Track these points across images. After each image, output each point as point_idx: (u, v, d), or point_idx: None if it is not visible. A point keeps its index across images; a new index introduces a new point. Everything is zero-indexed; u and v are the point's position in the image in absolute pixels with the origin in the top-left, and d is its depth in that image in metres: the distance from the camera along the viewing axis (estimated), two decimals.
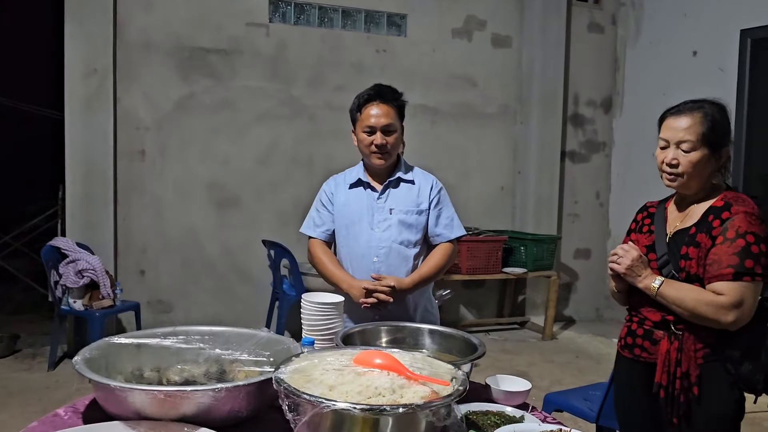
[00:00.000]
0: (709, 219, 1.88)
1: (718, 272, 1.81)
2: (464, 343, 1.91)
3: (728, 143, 1.94)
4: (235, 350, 1.76)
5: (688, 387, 1.88)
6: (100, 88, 5.11)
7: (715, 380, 1.87)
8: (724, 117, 1.93)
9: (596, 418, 2.73)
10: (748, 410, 3.05)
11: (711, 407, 1.88)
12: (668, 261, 1.93)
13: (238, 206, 5.62)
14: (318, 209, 2.56)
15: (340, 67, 5.82)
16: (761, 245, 1.81)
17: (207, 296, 5.53)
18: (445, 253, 2.46)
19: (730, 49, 5.45)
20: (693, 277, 1.87)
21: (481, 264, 5.72)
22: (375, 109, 2.37)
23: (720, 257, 1.81)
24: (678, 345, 1.89)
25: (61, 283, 4.61)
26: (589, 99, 6.71)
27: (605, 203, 6.81)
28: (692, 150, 1.88)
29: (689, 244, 1.89)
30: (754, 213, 1.84)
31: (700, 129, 1.88)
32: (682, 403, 1.88)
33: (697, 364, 1.87)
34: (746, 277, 1.79)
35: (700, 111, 1.90)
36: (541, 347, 5.73)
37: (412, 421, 1.30)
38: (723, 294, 1.79)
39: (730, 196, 1.91)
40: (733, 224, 1.82)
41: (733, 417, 1.91)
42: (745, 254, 1.79)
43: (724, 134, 1.91)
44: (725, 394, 1.87)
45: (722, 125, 1.91)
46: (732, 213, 1.84)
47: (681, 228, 1.95)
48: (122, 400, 1.43)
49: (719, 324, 1.81)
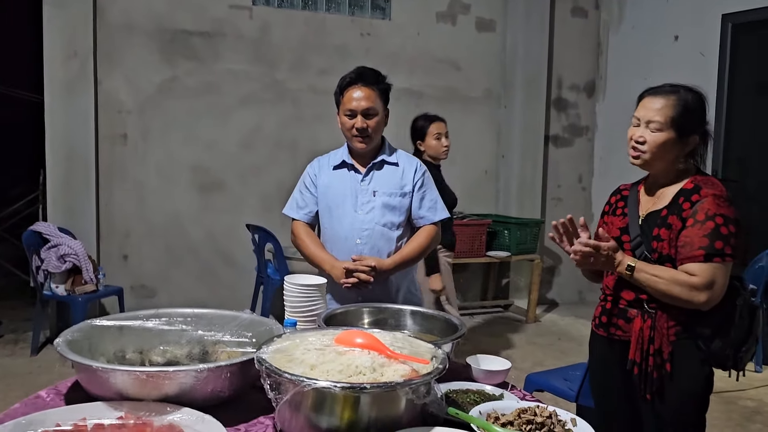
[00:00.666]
0: (679, 201, 1.92)
1: (690, 254, 1.86)
2: (445, 324, 1.93)
3: (699, 132, 1.97)
4: (218, 331, 1.77)
5: (660, 364, 1.93)
6: (81, 71, 5.04)
7: (687, 357, 1.92)
8: (699, 106, 1.97)
9: (576, 398, 2.78)
10: (724, 389, 3.11)
11: (682, 383, 1.93)
12: (641, 243, 1.98)
13: (222, 190, 5.60)
14: (301, 191, 2.57)
15: (324, 50, 5.79)
16: (730, 227, 1.85)
17: (191, 281, 5.52)
18: (428, 235, 2.48)
19: (712, 33, 5.49)
20: (665, 257, 1.92)
21: (465, 248, 5.75)
22: (356, 92, 2.37)
23: (691, 239, 1.86)
24: (651, 323, 1.94)
25: (42, 268, 4.58)
26: (573, 83, 6.73)
27: (588, 187, 6.87)
28: (659, 131, 1.93)
29: (661, 225, 1.93)
30: (722, 195, 1.89)
31: (670, 112, 1.92)
32: (655, 379, 1.94)
33: (670, 342, 1.93)
34: (716, 258, 1.84)
35: (674, 95, 1.94)
36: (524, 330, 5.79)
37: (392, 398, 1.32)
38: (695, 275, 1.84)
39: (699, 179, 1.96)
40: (703, 207, 1.87)
41: (702, 392, 1.97)
42: (715, 236, 1.84)
43: (695, 122, 1.95)
44: (696, 370, 1.93)
45: (694, 113, 1.95)
46: (701, 196, 1.89)
47: (653, 210, 2.00)
48: (104, 381, 1.43)
49: (692, 304, 1.86)
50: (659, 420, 1.98)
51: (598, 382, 2.22)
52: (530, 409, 1.42)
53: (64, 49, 4.99)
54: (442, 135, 3.96)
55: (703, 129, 2.00)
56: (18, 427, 1.28)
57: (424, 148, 3.96)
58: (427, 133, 3.93)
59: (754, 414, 3.86)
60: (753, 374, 4.54)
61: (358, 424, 1.30)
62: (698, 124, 1.96)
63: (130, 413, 1.37)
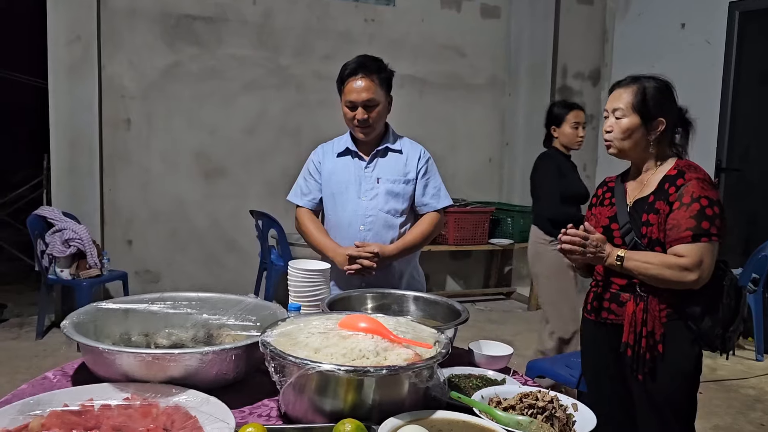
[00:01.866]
0: (665, 187, 1.99)
1: (678, 236, 1.92)
2: (448, 309, 1.94)
3: (665, 116, 2.02)
4: (222, 315, 1.79)
5: (653, 345, 1.99)
6: (84, 56, 5.04)
7: (678, 338, 1.99)
8: (661, 91, 2.03)
9: (577, 384, 2.80)
10: (726, 377, 3.12)
11: (674, 363, 1.99)
12: (630, 229, 2.04)
13: (226, 176, 5.61)
14: (305, 178, 2.57)
15: (328, 36, 5.77)
16: (714, 208, 1.92)
17: (195, 266, 5.54)
18: (432, 222, 2.48)
19: (718, 21, 5.46)
20: (655, 242, 1.98)
21: (468, 235, 5.77)
22: (357, 83, 2.35)
23: (678, 222, 1.93)
24: (643, 306, 2.00)
25: (47, 252, 4.60)
26: (578, 71, 6.70)
27: (592, 176, 6.85)
28: (623, 116, 2.02)
29: (649, 211, 2.00)
30: (705, 179, 1.97)
31: (631, 98, 2.02)
32: (647, 360, 2.00)
33: (661, 323, 1.99)
34: (704, 238, 1.90)
35: (635, 83, 2.04)
36: (526, 317, 5.81)
37: (395, 382, 1.33)
38: (684, 256, 1.90)
39: (681, 164, 2.03)
40: (687, 190, 1.93)
41: (693, 372, 2.03)
42: (701, 217, 1.90)
43: (658, 106, 2.01)
44: (687, 350, 2.00)
45: (656, 98, 2.01)
46: (686, 180, 1.96)
47: (640, 197, 2.06)
48: (111, 362, 1.45)
49: (683, 284, 1.92)
50: (651, 400, 2.03)
51: (590, 366, 2.27)
52: (532, 394, 1.43)
53: (67, 33, 4.98)
54: (579, 124, 3.72)
55: (673, 115, 2.05)
56: (26, 407, 1.30)
57: (557, 135, 3.78)
58: (564, 120, 3.71)
59: (754, 402, 3.88)
60: (754, 363, 4.56)
61: (361, 407, 1.31)
62: (662, 109, 2.02)
63: (136, 395, 1.38)
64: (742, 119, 5.49)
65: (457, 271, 6.47)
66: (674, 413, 2.03)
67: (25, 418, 1.27)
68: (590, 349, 2.25)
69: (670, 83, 2.07)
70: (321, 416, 1.32)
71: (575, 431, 1.36)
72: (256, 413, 1.44)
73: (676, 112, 2.07)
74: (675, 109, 2.06)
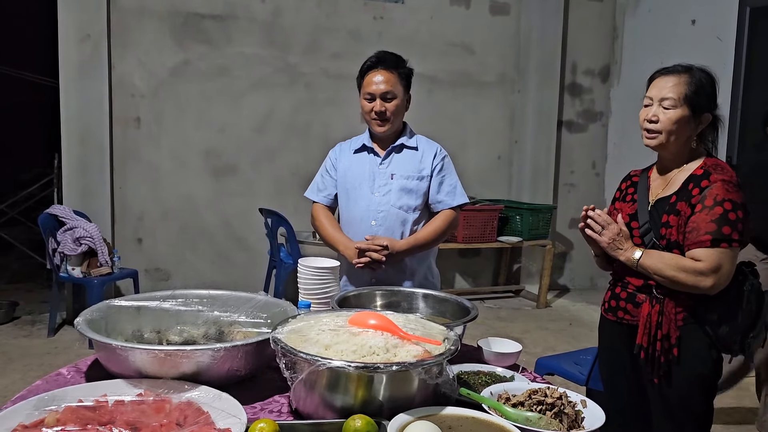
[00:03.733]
0: (689, 188, 1.92)
1: (697, 239, 1.85)
2: (457, 307, 1.95)
3: (711, 111, 1.96)
4: (233, 313, 1.80)
5: (668, 348, 1.93)
6: (94, 54, 5.07)
7: (694, 342, 1.93)
8: (711, 84, 1.96)
9: (586, 381, 2.80)
10: None
11: (689, 368, 1.94)
12: (650, 229, 1.98)
13: (235, 174, 5.63)
14: (322, 174, 2.60)
15: (337, 34, 5.78)
16: (738, 212, 1.85)
17: (205, 264, 5.57)
18: (446, 219, 2.48)
19: (729, 18, 5.42)
20: (673, 244, 1.92)
21: (477, 233, 5.76)
22: (376, 76, 2.38)
23: (698, 224, 1.86)
24: (659, 308, 1.94)
25: (59, 250, 4.64)
26: (587, 68, 6.68)
27: (601, 173, 6.83)
28: (673, 108, 1.91)
29: (670, 212, 1.93)
30: (731, 181, 1.88)
31: (683, 89, 1.91)
32: (662, 363, 1.94)
33: (677, 327, 1.93)
34: (723, 243, 1.83)
35: (687, 73, 1.94)
36: (535, 315, 5.80)
37: (405, 378, 1.34)
38: (701, 260, 1.84)
39: (709, 163, 1.95)
40: (712, 192, 1.86)
41: (710, 376, 1.97)
42: (723, 221, 1.83)
43: (708, 100, 1.94)
44: (703, 354, 1.94)
45: (707, 91, 1.94)
46: (711, 181, 1.87)
47: (662, 196, 1.99)
48: (124, 359, 1.46)
49: (698, 289, 1.86)
50: (666, 403, 1.99)
51: (606, 365, 2.23)
52: (541, 391, 1.44)
53: (77, 31, 5.01)
54: None
55: (715, 111, 1.99)
56: (41, 403, 1.32)
57: None
58: None
59: None
60: None
61: (371, 403, 1.32)
62: (711, 103, 1.95)
63: (149, 390, 1.40)
64: (753, 116, 5.45)
65: (466, 269, 6.47)
66: (690, 418, 1.98)
67: (40, 413, 1.29)
68: (607, 348, 2.20)
69: (716, 77, 1.97)
70: (331, 412, 1.33)
71: (584, 428, 1.36)
72: (268, 409, 1.45)
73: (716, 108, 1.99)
74: (716, 105, 1.99)
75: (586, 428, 1.35)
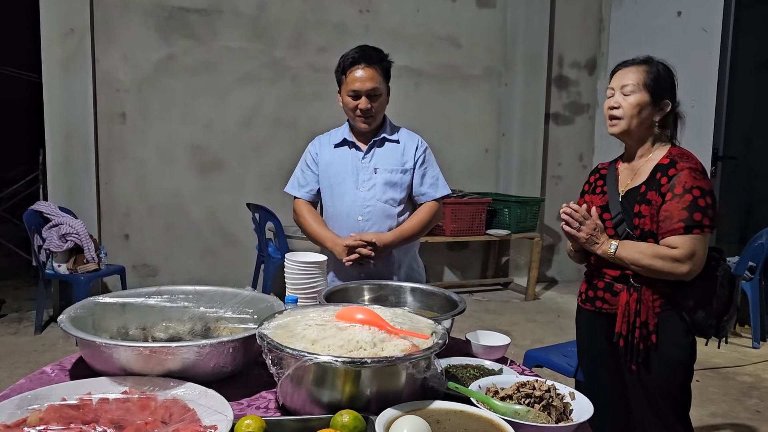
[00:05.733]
0: (657, 177, 1.97)
1: (671, 227, 1.91)
2: (445, 300, 1.95)
3: (671, 99, 2.03)
4: (220, 308, 1.79)
5: (646, 335, 1.99)
6: (78, 49, 5.01)
7: (672, 328, 1.99)
8: (669, 74, 2.04)
9: (574, 373, 2.81)
10: (722, 364, 3.12)
11: (668, 353, 1.99)
12: (623, 220, 2.03)
13: (222, 169, 5.60)
14: (302, 169, 2.57)
15: (323, 27, 5.75)
16: (707, 198, 1.91)
17: (192, 260, 5.54)
18: (430, 211, 2.49)
19: (714, 9, 5.44)
20: (647, 233, 1.97)
21: (465, 226, 5.77)
22: (360, 72, 2.35)
23: (671, 213, 1.91)
24: (637, 296, 2.00)
25: (44, 247, 4.60)
26: (574, 60, 6.69)
27: (589, 165, 6.86)
28: (633, 93, 2.00)
29: (641, 202, 1.99)
30: (698, 168, 1.95)
31: (642, 76, 2.00)
32: (641, 350, 2.00)
33: (655, 314, 1.99)
34: (696, 229, 1.89)
35: (645, 63, 2.03)
36: (523, 307, 5.83)
37: (392, 373, 1.34)
38: (677, 247, 1.90)
39: (675, 152, 2.01)
40: (680, 180, 1.92)
41: (687, 361, 2.04)
42: (694, 208, 1.89)
43: (666, 88, 2.02)
44: (682, 340, 2.00)
45: (665, 80, 2.02)
46: (678, 169, 1.94)
47: (632, 186, 2.05)
48: (108, 356, 1.45)
49: (675, 276, 1.92)
50: (645, 390, 2.03)
51: (586, 355, 2.28)
52: (529, 383, 1.44)
53: (60, 26, 4.95)
54: None
55: (674, 101, 2.05)
56: (24, 402, 1.30)
57: None
58: None
59: (750, 389, 3.90)
60: (750, 350, 4.58)
61: (359, 397, 1.31)
62: (670, 92, 2.02)
63: (134, 388, 1.38)
64: (739, 107, 5.49)
65: (454, 262, 6.48)
66: (668, 403, 2.03)
67: (23, 412, 1.27)
68: (586, 338, 2.25)
69: (673, 69, 2.06)
70: (319, 407, 1.32)
71: (572, 420, 1.36)
72: (254, 405, 1.45)
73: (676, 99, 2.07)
74: (675, 96, 2.06)
75: (575, 420, 1.36)
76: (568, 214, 2.01)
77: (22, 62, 7.22)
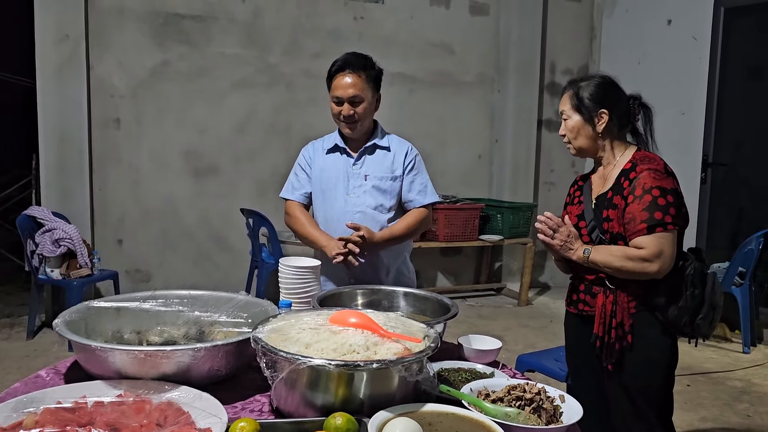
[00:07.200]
0: (621, 181, 2.06)
1: (635, 228, 1.98)
2: (438, 305, 1.96)
3: (607, 107, 2.09)
4: (214, 312, 1.79)
5: (622, 336, 2.05)
6: (73, 55, 5.02)
7: (647, 328, 2.05)
8: (597, 86, 2.12)
9: (566, 378, 2.83)
10: (712, 369, 3.14)
11: (644, 353, 2.05)
12: (595, 226, 2.10)
13: (216, 175, 5.61)
14: (296, 173, 2.60)
15: (317, 34, 5.78)
16: (668, 197, 1.97)
17: (186, 265, 5.54)
18: (418, 216, 2.51)
19: (704, 17, 5.51)
20: (617, 236, 2.04)
21: (459, 231, 5.79)
22: (343, 79, 2.38)
23: (633, 214, 1.99)
24: (613, 298, 2.06)
25: (37, 252, 4.59)
26: (566, 67, 6.74)
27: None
28: (568, 118, 2.16)
29: (608, 207, 2.07)
30: (658, 169, 2.01)
31: (569, 101, 2.15)
32: (616, 350, 2.05)
33: (630, 315, 2.05)
34: (659, 228, 1.95)
35: (570, 87, 2.17)
36: (516, 312, 5.85)
37: (385, 376, 1.35)
38: (644, 248, 1.96)
39: (638, 156, 2.08)
40: (639, 182, 1.99)
41: (665, 362, 2.08)
42: (654, 207, 1.95)
43: (598, 99, 2.10)
44: (659, 341, 2.06)
45: (592, 94, 2.11)
46: (637, 172, 2.02)
47: (601, 193, 2.14)
48: (103, 360, 1.46)
49: (646, 275, 1.98)
50: (626, 392, 2.08)
51: (572, 357, 2.33)
52: (519, 386, 1.45)
53: (55, 32, 4.96)
54: None
55: (618, 106, 2.11)
56: (20, 405, 1.31)
57: None
58: None
59: (741, 394, 3.93)
60: (740, 355, 4.62)
61: (352, 400, 1.33)
62: (601, 103, 2.10)
63: (129, 391, 1.39)
64: (729, 114, 5.55)
65: (447, 268, 6.50)
66: (648, 404, 2.06)
67: (18, 415, 1.28)
68: (572, 341, 2.31)
69: (608, 77, 2.16)
70: (312, 410, 1.34)
71: (562, 422, 1.38)
72: (249, 408, 1.46)
73: (624, 102, 2.14)
74: (619, 99, 2.13)
75: (564, 422, 1.38)
76: (542, 221, 2.09)
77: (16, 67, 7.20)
